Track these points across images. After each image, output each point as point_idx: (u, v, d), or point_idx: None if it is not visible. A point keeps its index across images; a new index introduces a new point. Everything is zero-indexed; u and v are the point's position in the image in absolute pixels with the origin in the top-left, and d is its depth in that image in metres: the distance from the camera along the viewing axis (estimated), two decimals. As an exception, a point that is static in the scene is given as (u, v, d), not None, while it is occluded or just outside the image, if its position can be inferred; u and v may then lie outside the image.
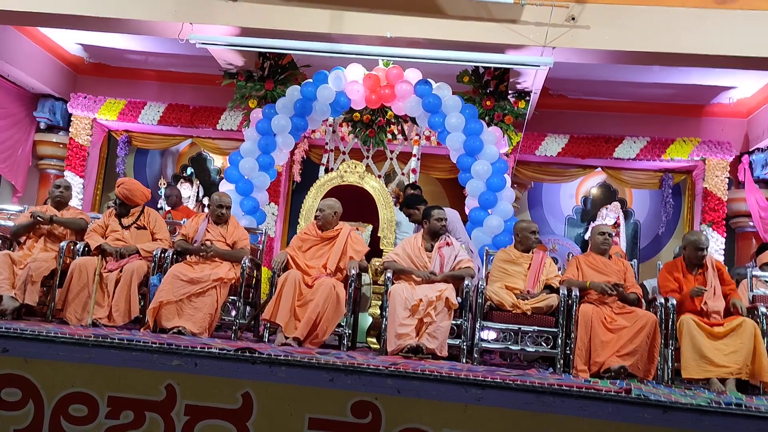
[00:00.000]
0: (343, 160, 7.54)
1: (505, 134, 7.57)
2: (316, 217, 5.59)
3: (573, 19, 6.55)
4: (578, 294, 4.95)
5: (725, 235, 8.67)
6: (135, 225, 5.59)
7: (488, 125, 7.38)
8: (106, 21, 7.02)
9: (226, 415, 3.18)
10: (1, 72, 8.51)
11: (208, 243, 5.38)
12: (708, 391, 4.35)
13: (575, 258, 5.44)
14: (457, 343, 4.94)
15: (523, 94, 7.90)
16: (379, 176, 7.69)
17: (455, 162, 7.29)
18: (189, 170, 10.22)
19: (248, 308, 5.62)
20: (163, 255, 5.35)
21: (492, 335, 5.02)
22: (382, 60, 7.36)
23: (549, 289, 5.19)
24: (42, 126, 9.51)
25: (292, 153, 8.31)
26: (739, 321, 4.67)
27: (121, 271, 5.22)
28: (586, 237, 9.34)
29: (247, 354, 3.33)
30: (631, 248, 9.75)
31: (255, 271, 5.64)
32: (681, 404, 3.01)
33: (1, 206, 6.22)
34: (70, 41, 8.91)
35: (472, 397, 3.06)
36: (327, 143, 8.21)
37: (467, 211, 7.14)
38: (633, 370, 4.70)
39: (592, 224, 9.39)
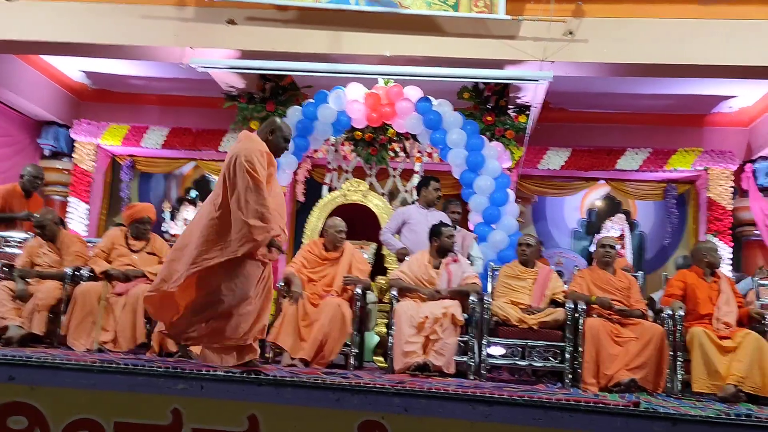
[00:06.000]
0: (346, 179, 7.57)
1: (507, 149, 7.57)
2: (325, 236, 5.55)
3: (571, 33, 6.59)
4: (584, 308, 4.93)
5: (731, 244, 8.64)
6: (146, 251, 5.57)
7: (490, 140, 7.39)
8: (107, 47, 7.09)
9: (232, 438, 3.16)
10: (4, 100, 8.59)
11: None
12: (718, 402, 4.31)
13: (580, 272, 5.43)
14: (465, 359, 4.92)
15: (524, 109, 7.91)
16: (383, 194, 7.70)
17: (458, 178, 7.30)
18: (193, 193, 10.26)
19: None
20: (168, 278, 5.33)
21: (499, 351, 4.99)
22: (382, 78, 7.40)
23: (555, 303, 5.17)
24: (46, 153, 9.57)
25: (295, 173, 8.33)
26: (744, 333, 4.65)
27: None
28: (592, 249, 9.32)
29: (253, 376, 3.32)
30: (636, 260, 9.72)
31: (260, 292, 5.61)
32: (690, 416, 2.98)
33: (7, 234, 6.23)
34: (73, 68, 9.00)
35: (480, 415, 3.04)
36: (329, 162, 8.23)
37: (471, 227, 7.14)
38: (643, 383, 4.67)
39: (597, 236, 9.37)
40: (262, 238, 3.87)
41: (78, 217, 9.18)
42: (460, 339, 4.92)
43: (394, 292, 5.12)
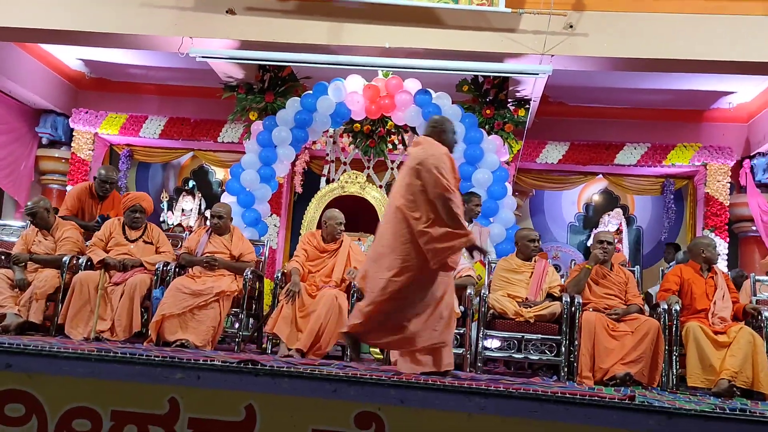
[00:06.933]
0: (344, 171, 7.57)
1: (505, 142, 7.58)
2: (323, 227, 5.54)
3: (571, 27, 6.58)
4: (581, 302, 4.95)
5: (728, 240, 8.66)
6: (143, 240, 5.58)
7: (488, 134, 7.39)
8: (106, 36, 7.06)
9: (229, 427, 3.16)
10: (3, 88, 8.56)
11: (210, 255, 5.38)
12: (712, 397, 4.33)
13: (577, 266, 5.44)
14: (461, 352, 4.93)
15: (523, 102, 7.91)
16: (380, 186, 7.70)
17: (456, 171, 7.29)
18: (191, 183, 10.25)
19: (251, 320, 5.62)
20: (165, 268, 5.34)
21: (495, 344, 5.00)
22: (382, 70, 7.39)
23: (551, 297, 5.18)
24: (44, 141, 9.56)
25: (294, 164, 8.33)
26: (738, 328, 4.67)
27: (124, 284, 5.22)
28: (589, 244, 9.33)
29: (250, 366, 3.33)
30: (633, 254, 9.74)
31: (258, 283, 5.63)
32: (685, 410, 2.99)
33: (4, 222, 6.23)
34: (71, 56, 8.96)
35: (476, 407, 3.04)
36: (328, 154, 8.22)
37: (468, 220, 7.15)
38: (638, 377, 4.69)
39: (595, 231, 9.38)
40: (460, 244, 3.84)
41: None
42: (457, 331, 4.92)
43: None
